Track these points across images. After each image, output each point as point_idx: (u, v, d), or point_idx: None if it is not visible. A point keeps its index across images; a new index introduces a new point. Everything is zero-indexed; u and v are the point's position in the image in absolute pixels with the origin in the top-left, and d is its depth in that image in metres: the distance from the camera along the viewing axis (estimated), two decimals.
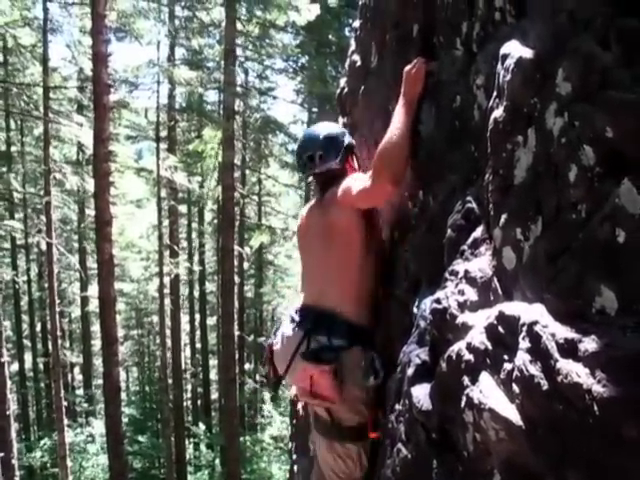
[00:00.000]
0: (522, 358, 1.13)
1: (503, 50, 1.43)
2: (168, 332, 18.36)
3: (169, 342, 18.43)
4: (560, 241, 1.13)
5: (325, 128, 2.80)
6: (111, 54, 10.89)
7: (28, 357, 22.87)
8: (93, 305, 18.63)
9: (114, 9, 12.54)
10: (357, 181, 2.42)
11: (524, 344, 1.13)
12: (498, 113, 1.41)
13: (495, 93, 1.47)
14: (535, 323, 1.12)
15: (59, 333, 12.98)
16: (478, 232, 1.55)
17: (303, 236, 2.88)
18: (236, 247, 13.32)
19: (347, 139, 2.75)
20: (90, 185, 12.17)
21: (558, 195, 1.14)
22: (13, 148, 19.26)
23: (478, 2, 1.91)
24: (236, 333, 13.65)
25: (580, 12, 1.17)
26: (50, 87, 12.93)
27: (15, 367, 20.68)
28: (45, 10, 12.74)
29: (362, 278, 2.51)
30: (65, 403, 13.02)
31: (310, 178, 3.00)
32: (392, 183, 2.27)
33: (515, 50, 1.36)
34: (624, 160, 1.00)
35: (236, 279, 14.49)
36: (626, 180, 0.98)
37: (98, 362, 21.89)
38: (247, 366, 22.56)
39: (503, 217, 1.35)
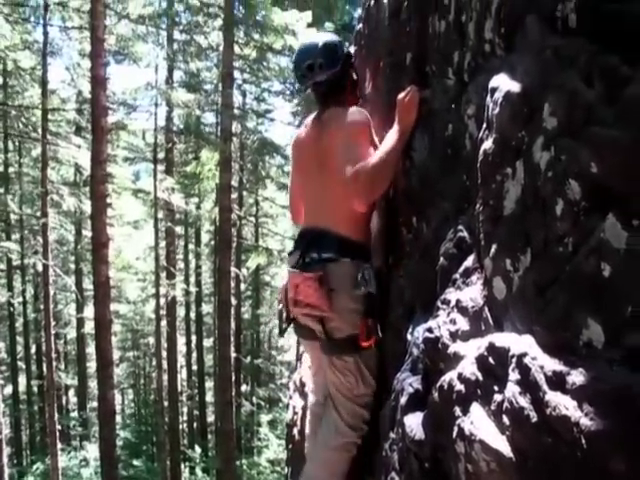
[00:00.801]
0: (512, 390, 1.14)
1: (492, 83, 1.46)
2: (164, 354, 18.25)
3: (165, 364, 18.31)
4: (548, 273, 1.14)
5: (323, 37, 2.79)
6: (109, 78, 11.00)
7: (22, 379, 22.65)
8: (89, 327, 18.55)
9: (113, 33, 12.70)
10: (347, 159, 2.41)
11: (514, 376, 1.14)
12: (487, 145, 1.43)
13: (485, 125, 1.50)
14: (524, 355, 1.13)
15: (54, 355, 12.90)
16: (469, 261, 1.57)
17: (299, 154, 2.90)
18: (233, 268, 13.30)
19: (346, 48, 2.78)
20: (87, 206, 12.19)
21: (546, 228, 1.16)
22: (11, 169, 19.30)
23: (469, 33, 1.95)
24: (232, 355, 13.57)
25: (565, 49, 1.20)
26: (49, 109, 13.02)
27: (9, 390, 20.48)
28: (45, 34, 12.89)
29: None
30: (59, 427, 12.89)
31: (309, 90, 2.94)
32: (364, 200, 2.41)
33: (503, 84, 1.39)
34: (608, 195, 1.02)
35: (233, 300, 14.44)
36: (610, 215, 1.00)
37: (93, 384, 21.72)
38: (244, 388, 22.38)
39: (493, 247, 1.37)
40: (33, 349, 22.96)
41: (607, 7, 1.12)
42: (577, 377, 0.99)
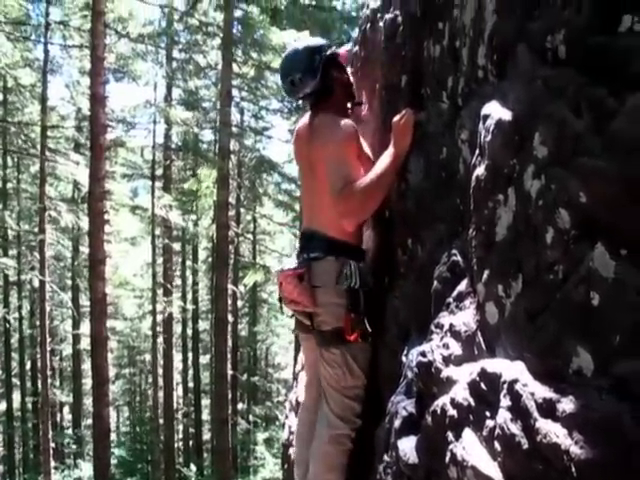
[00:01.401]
0: (503, 416, 1.15)
1: (484, 110, 1.48)
2: (160, 371, 18.15)
3: (161, 381, 18.20)
4: (539, 300, 1.16)
5: (301, 45, 2.79)
6: (108, 95, 11.07)
7: (16, 396, 22.47)
8: (85, 343, 18.46)
9: (113, 51, 12.82)
10: (337, 177, 2.45)
11: (505, 402, 1.15)
12: (480, 171, 1.45)
13: (477, 151, 1.52)
14: (515, 381, 1.14)
15: (49, 372, 12.83)
16: (463, 285, 1.58)
17: (296, 154, 2.92)
18: (230, 286, 13.28)
19: (326, 52, 2.73)
20: (85, 223, 12.21)
21: (537, 255, 1.18)
22: (9, 185, 19.33)
23: (462, 58, 1.98)
24: (229, 372, 13.50)
25: (555, 80, 1.23)
26: (48, 126, 13.08)
27: (2, 407, 20.31)
28: (46, 52, 13.02)
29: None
30: (53, 444, 12.78)
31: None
32: (353, 220, 2.49)
33: (495, 111, 1.41)
34: (597, 225, 1.04)
35: (230, 318, 14.40)
36: (599, 244, 1.01)
37: (88, 401, 21.51)
38: (240, 406, 22.20)
39: (486, 273, 1.38)
40: (28, 365, 22.80)
41: (595, 40, 1.15)
42: (567, 405, 1.00)
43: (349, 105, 2.92)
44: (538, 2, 1.38)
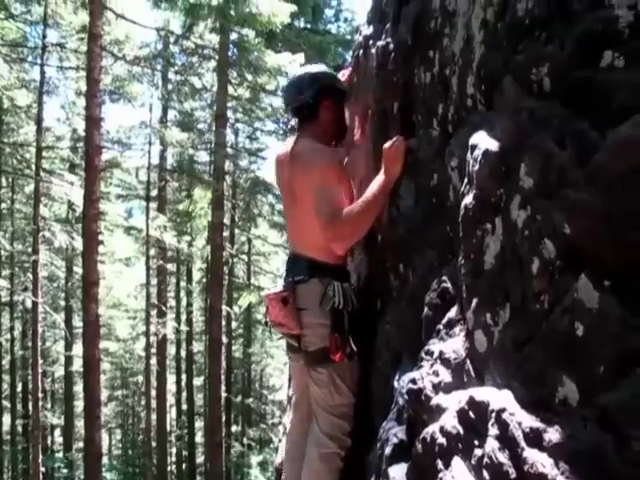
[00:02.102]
0: (491, 445, 1.15)
1: (472, 140, 1.51)
2: (153, 393, 17.99)
3: (154, 403, 18.03)
4: (525, 329, 1.17)
5: (305, 68, 2.94)
6: (104, 117, 11.12)
7: (7, 419, 22.18)
8: (77, 364, 18.30)
9: (109, 73, 12.92)
10: (325, 204, 2.47)
11: (493, 431, 1.16)
12: (468, 200, 1.47)
13: (466, 180, 1.54)
14: (503, 410, 1.14)
15: (40, 394, 12.69)
16: (453, 312, 1.59)
17: (278, 182, 2.95)
18: (224, 307, 13.26)
19: (326, 80, 2.84)
20: (79, 243, 12.19)
21: (523, 285, 1.19)
22: (3, 205, 19.30)
23: (452, 86, 2.02)
24: (223, 394, 13.42)
25: (540, 112, 1.26)
26: (43, 147, 13.12)
27: None
28: (42, 73, 13.08)
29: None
30: (43, 469, 12.59)
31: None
32: (343, 245, 2.51)
33: (482, 142, 1.44)
34: (581, 256, 1.05)
35: (224, 339, 14.34)
36: (583, 275, 1.03)
37: (80, 424, 21.26)
38: (234, 428, 21.99)
39: (474, 301, 1.40)
40: (19, 387, 22.55)
41: (577, 74, 1.18)
42: (553, 435, 1.01)
43: (333, 139, 2.97)
44: (523, 36, 1.41)
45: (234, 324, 21.79)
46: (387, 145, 2.43)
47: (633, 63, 1.07)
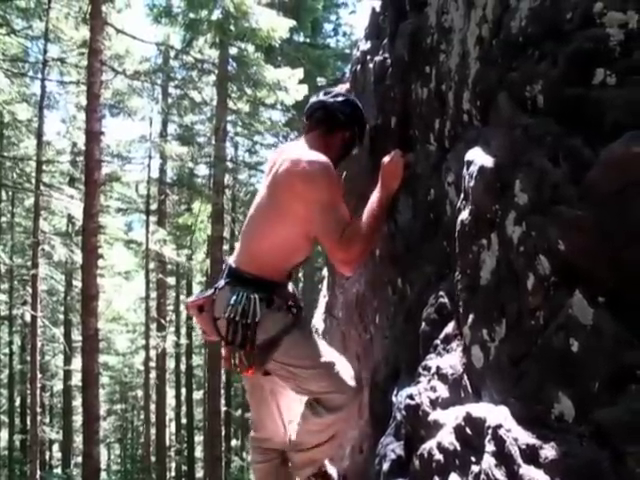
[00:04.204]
0: (488, 461, 1.15)
1: (468, 156, 1.52)
2: (153, 407, 17.91)
3: (153, 417, 17.94)
4: (521, 345, 1.17)
5: (342, 98, 2.71)
6: (104, 131, 11.17)
7: (4, 434, 22.03)
8: (76, 379, 18.22)
9: (109, 87, 12.99)
10: (335, 223, 2.32)
11: (489, 447, 1.16)
12: (464, 215, 1.48)
13: (462, 195, 1.55)
14: (499, 427, 1.14)
15: (39, 409, 12.63)
16: (450, 327, 1.59)
17: (265, 179, 2.76)
18: None
19: (363, 121, 2.69)
20: (78, 257, 12.19)
21: (519, 300, 1.20)
22: (3, 219, 19.31)
23: (449, 102, 2.03)
24: (223, 408, 13.36)
25: (534, 128, 1.27)
26: (43, 161, 13.16)
27: None
28: (43, 88, 13.18)
29: (276, 249, 2.49)
30: None
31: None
32: (354, 265, 2.32)
33: (478, 158, 1.45)
34: (576, 272, 1.06)
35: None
36: (578, 291, 1.03)
37: (79, 439, 21.12)
38: (234, 443, 21.85)
39: (471, 316, 1.40)
40: (17, 402, 22.43)
41: (570, 91, 1.19)
42: (549, 451, 1.01)
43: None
44: (517, 53, 1.42)
45: None
46: (386, 159, 2.41)
47: (625, 81, 1.08)
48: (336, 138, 2.66)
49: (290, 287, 2.66)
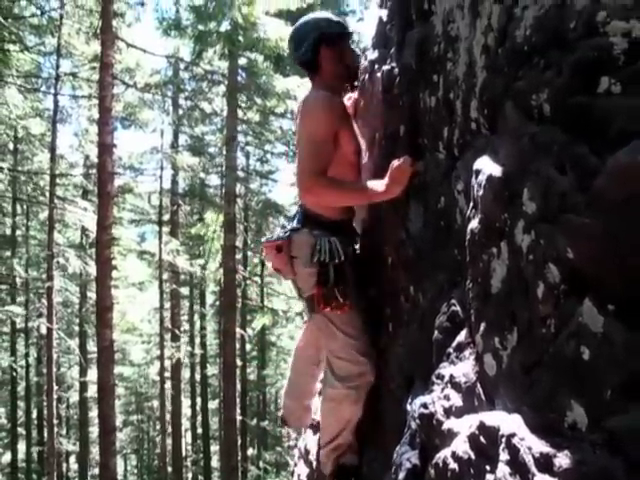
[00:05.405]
0: (502, 470, 1.15)
1: (476, 165, 1.53)
2: (168, 417, 17.95)
3: (169, 428, 17.97)
4: (533, 354, 1.18)
5: (310, 18, 2.90)
6: (116, 144, 11.27)
7: (22, 446, 22.15)
8: (92, 390, 18.32)
9: (121, 100, 13.13)
10: (307, 156, 2.56)
11: (504, 456, 1.16)
12: (474, 224, 1.49)
13: (472, 204, 1.56)
14: (513, 435, 1.15)
15: (55, 421, 12.71)
16: (462, 336, 1.60)
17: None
18: (238, 329, 13.26)
19: (321, 30, 2.80)
20: (92, 268, 12.29)
21: (530, 309, 1.20)
22: (18, 232, 19.51)
23: (457, 110, 2.04)
24: (238, 417, 13.36)
25: (540, 137, 1.27)
26: (56, 175, 13.31)
27: (7, 457, 20.00)
28: (56, 102, 13.35)
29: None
30: None
31: None
32: (309, 197, 2.59)
33: (486, 167, 1.45)
34: (585, 280, 1.06)
35: (238, 362, 14.33)
36: (587, 299, 1.04)
37: (95, 450, 21.19)
38: (250, 452, 21.80)
39: (483, 325, 1.40)
40: (34, 414, 22.56)
41: (576, 100, 1.19)
42: (563, 460, 1.01)
43: (344, 83, 3.02)
44: (523, 62, 1.43)
45: (248, 346, 21.74)
46: (395, 163, 2.44)
47: (629, 89, 1.09)
48: (324, 66, 2.85)
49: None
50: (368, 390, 2.67)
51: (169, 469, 17.60)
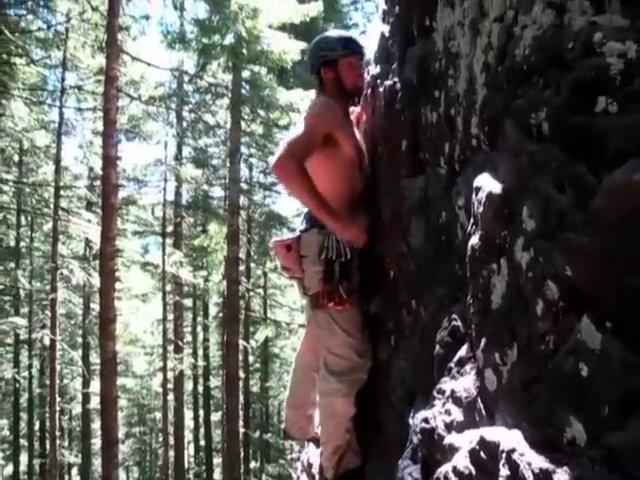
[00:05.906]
0: None
1: (476, 182, 1.54)
2: (171, 429, 17.89)
3: (172, 440, 17.90)
4: (532, 369, 1.19)
5: (318, 36, 3.12)
6: (120, 157, 11.33)
7: (24, 458, 22.07)
8: (95, 402, 18.26)
9: (125, 113, 13.21)
10: (294, 142, 2.68)
11: (504, 471, 1.17)
12: (474, 240, 1.50)
13: (472, 220, 1.57)
14: (513, 451, 1.15)
15: (58, 432, 12.68)
16: (463, 350, 1.61)
17: None
18: (241, 341, 13.24)
19: (322, 51, 2.99)
20: (96, 280, 12.30)
21: (529, 325, 1.21)
22: (22, 244, 19.57)
23: (458, 126, 2.06)
24: (241, 430, 13.31)
25: (539, 155, 1.29)
26: (61, 187, 13.38)
27: (9, 470, 19.92)
28: (61, 115, 13.46)
29: (329, 183, 2.80)
30: None
31: None
32: (278, 174, 2.70)
33: (486, 184, 1.47)
34: (583, 297, 1.07)
35: (241, 374, 14.29)
36: (585, 316, 1.05)
37: (97, 462, 21.09)
38: (253, 464, 21.69)
39: (483, 340, 1.42)
40: (37, 425, 22.50)
41: (575, 118, 1.21)
42: (563, 476, 1.02)
43: (347, 96, 3.11)
44: (522, 81, 1.45)
45: (251, 358, 21.69)
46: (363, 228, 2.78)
47: (626, 108, 1.11)
48: (326, 82, 3.02)
49: None
50: (360, 387, 2.78)
51: None
